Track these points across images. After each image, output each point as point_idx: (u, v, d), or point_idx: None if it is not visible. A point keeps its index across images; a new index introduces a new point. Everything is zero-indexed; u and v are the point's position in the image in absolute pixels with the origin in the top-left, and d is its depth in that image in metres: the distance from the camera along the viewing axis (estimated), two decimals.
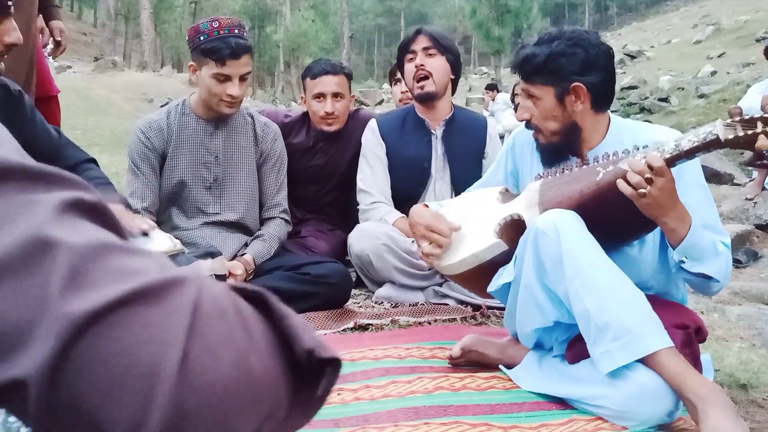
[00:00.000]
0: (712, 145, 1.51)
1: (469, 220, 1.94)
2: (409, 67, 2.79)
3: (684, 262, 1.60)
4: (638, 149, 1.62)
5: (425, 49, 2.75)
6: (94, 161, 1.94)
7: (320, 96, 2.92)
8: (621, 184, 1.55)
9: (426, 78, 2.74)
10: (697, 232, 1.56)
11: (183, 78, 17.08)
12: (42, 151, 1.80)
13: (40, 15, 3.29)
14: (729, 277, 1.68)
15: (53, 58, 3.26)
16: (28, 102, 1.78)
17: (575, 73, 1.73)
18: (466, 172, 2.71)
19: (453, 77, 2.83)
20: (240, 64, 2.45)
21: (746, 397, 1.75)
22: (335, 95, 2.92)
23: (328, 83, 2.91)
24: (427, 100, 2.78)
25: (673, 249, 1.59)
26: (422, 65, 2.74)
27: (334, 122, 2.94)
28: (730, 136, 1.47)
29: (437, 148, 2.82)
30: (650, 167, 1.51)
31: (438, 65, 2.75)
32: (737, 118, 1.49)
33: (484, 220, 1.89)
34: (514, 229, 1.79)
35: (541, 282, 1.64)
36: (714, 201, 1.75)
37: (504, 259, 1.81)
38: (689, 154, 1.54)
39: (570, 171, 1.74)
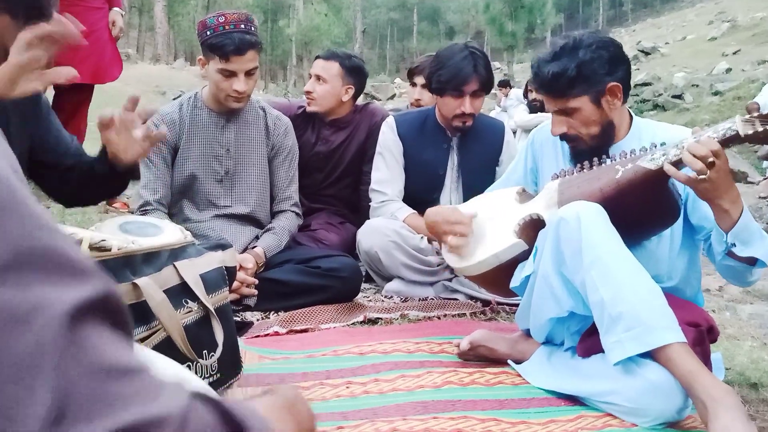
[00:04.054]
0: (731, 140, 1.52)
1: (487, 221, 1.95)
2: (452, 105, 2.64)
3: (734, 246, 1.58)
4: (656, 146, 1.63)
5: (474, 93, 2.64)
6: None
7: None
8: (671, 170, 1.54)
9: (467, 120, 2.69)
10: (748, 214, 1.56)
11: (196, 71, 17.16)
12: (53, 151, 1.80)
13: (111, 9, 3.81)
14: None
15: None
16: (45, 102, 1.80)
17: (607, 74, 1.74)
18: (477, 183, 2.57)
19: None
20: (245, 60, 2.44)
21: (757, 396, 1.74)
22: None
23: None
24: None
25: (725, 233, 1.57)
26: (470, 114, 2.65)
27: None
28: (750, 132, 1.48)
29: (453, 158, 2.80)
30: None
31: (480, 105, 2.69)
32: (755, 114, 1.49)
33: (502, 221, 1.90)
34: (533, 228, 1.80)
35: (559, 271, 1.64)
36: None
37: (523, 258, 1.82)
38: None
39: (588, 170, 1.75)
